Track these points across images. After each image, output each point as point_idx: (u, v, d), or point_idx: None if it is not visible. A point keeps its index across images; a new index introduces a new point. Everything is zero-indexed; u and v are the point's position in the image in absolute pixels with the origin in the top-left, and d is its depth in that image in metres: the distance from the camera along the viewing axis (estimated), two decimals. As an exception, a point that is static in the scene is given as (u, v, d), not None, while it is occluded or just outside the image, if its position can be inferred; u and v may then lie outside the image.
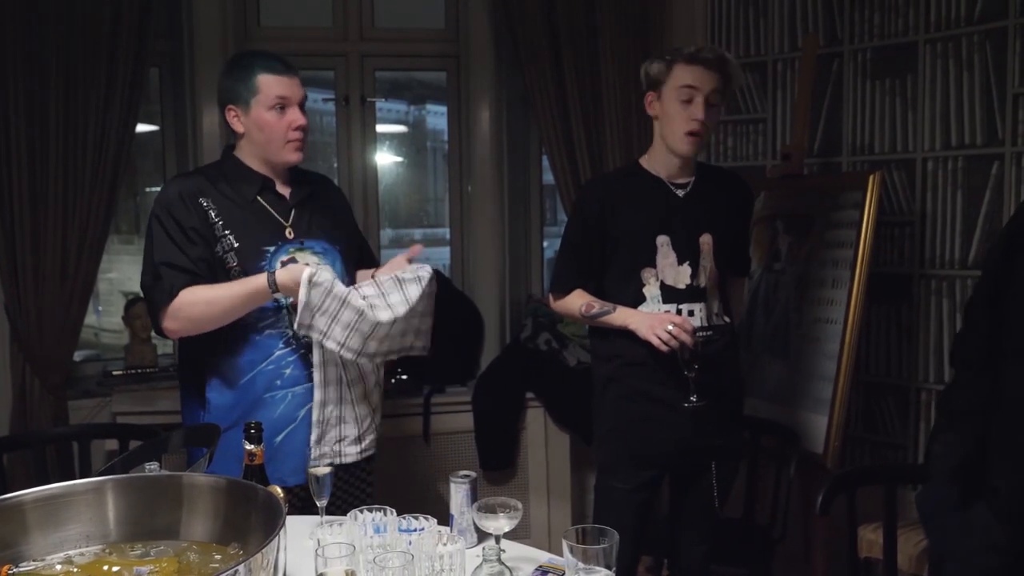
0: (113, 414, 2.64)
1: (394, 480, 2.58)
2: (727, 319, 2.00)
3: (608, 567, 1.20)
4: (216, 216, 1.76)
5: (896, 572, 1.89)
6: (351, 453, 1.83)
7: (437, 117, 4.26)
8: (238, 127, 1.82)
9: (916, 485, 2.16)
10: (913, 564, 2.17)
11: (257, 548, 1.00)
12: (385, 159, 3.41)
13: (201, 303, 1.72)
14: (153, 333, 2.51)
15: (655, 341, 1.82)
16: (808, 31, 2.73)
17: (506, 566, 1.26)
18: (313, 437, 1.76)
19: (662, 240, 1.92)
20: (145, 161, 3.22)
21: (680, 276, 1.92)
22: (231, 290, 1.72)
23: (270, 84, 1.77)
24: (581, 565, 1.18)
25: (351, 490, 1.90)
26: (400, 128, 3.89)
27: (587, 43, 2.80)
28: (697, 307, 1.92)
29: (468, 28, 3.02)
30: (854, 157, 2.68)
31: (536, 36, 2.77)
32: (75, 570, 1.12)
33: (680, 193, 1.95)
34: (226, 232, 1.76)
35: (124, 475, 1.21)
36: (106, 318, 3.31)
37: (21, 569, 1.11)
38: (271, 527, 1.06)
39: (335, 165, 3.12)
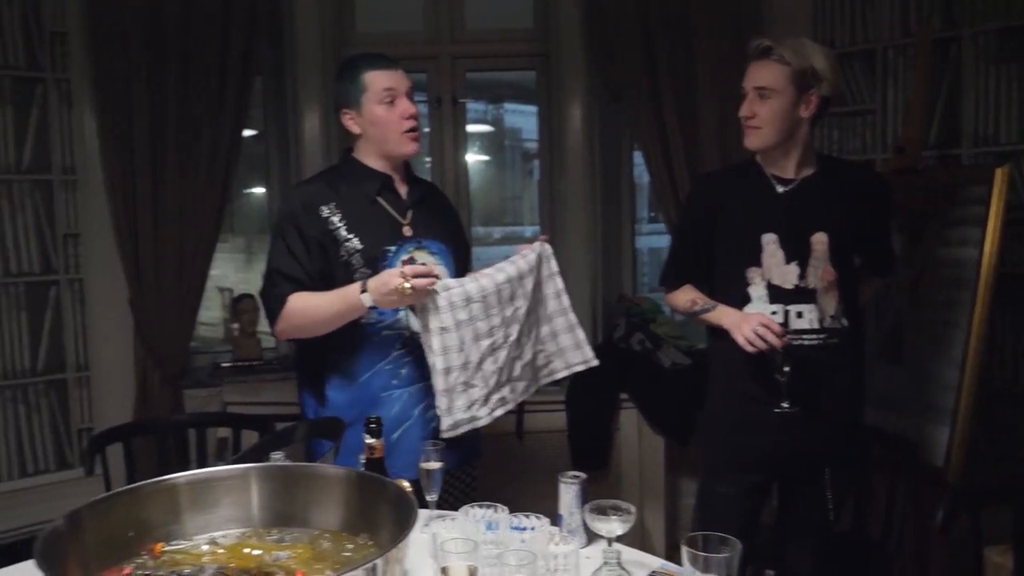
0: (224, 404, 2.78)
1: (487, 477, 2.60)
2: (846, 322, 1.91)
3: (730, 576, 1.17)
4: (339, 221, 1.80)
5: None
6: (481, 416, 1.80)
7: (515, 116, 4.27)
8: (354, 128, 1.86)
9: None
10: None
11: (393, 541, 1.04)
12: (468, 159, 3.46)
13: (302, 310, 1.77)
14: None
15: (740, 341, 1.78)
16: (922, 15, 2.60)
17: (626, 570, 1.26)
18: (443, 406, 1.74)
19: (768, 238, 1.87)
20: (242, 165, 3.36)
21: (788, 276, 1.87)
22: (327, 300, 1.76)
23: (376, 79, 1.81)
24: (701, 574, 1.16)
25: (458, 485, 1.94)
26: (486, 128, 3.92)
27: (680, 37, 2.74)
28: (807, 309, 1.86)
29: (558, 26, 3.01)
30: (976, 149, 2.53)
31: (628, 31, 2.74)
32: (220, 551, 1.19)
33: (781, 189, 1.89)
34: (349, 236, 1.80)
35: (266, 463, 1.27)
36: (204, 312, 3.48)
37: (172, 547, 1.19)
38: (402, 520, 1.09)
39: (428, 165, 3.18)
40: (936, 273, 2.35)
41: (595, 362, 1.95)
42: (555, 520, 1.49)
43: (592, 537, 1.51)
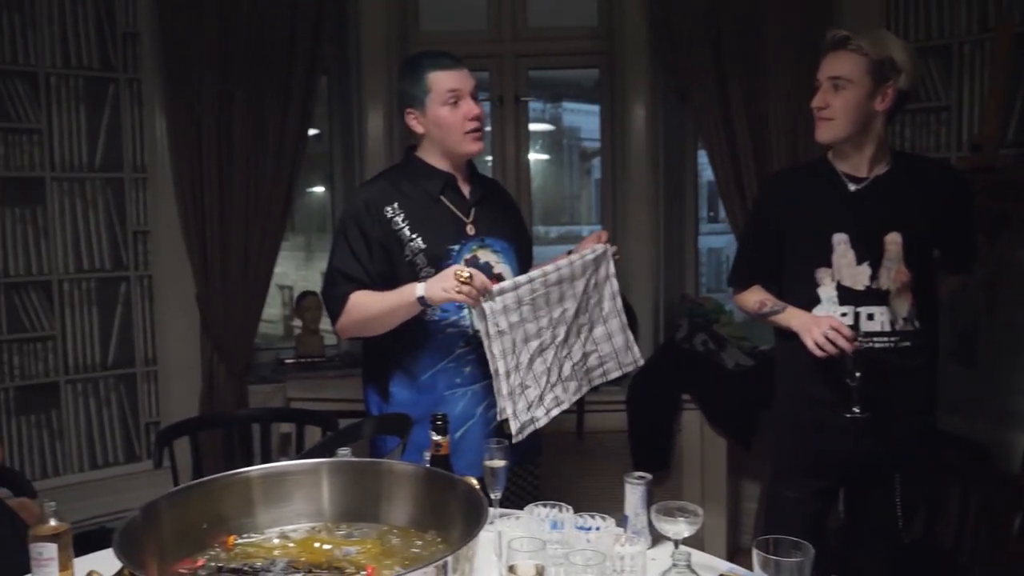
0: (287, 399, 2.83)
1: (548, 476, 2.59)
2: (919, 324, 1.83)
3: (801, 582, 1.15)
4: (402, 221, 1.80)
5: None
6: (539, 416, 1.80)
7: (573, 115, 4.25)
8: (418, 128, 1.86)
9: None
10: None
11: (463, 539, 1.03)
12: (529, 157, 3.45)
13: (362, 308, 1.78)
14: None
15: (810, 344, 1.74)
16: (1001, 9, 2.49)
17: (695, 572, 1.23)
18: (509, 410, 1.74)
19: (839, 239, 1.81)
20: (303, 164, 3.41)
21: (859, 277, 1.80)
22: (386, 299, 1.76)
23: (440, 80, 1.81)
24: (771, 579, 1.13)
25: (520, 483, 1.93)
26: (547, 127, 3.91)
27: (748, 34, 2.68)
28: (878, 311, 1.79)
29: (622, 24, 2.98)
30: (1057, 147, 2.43)
31: (695, 29, 2.69)
32: (291, 545, 1.20)
33: (853, 188, 1.83)
34: (413, 236, 1.80)
35: (336, 459, 1.27)
36: (264, 310, 3.55)
37: (244, 540, 1.20)
38: (472, 517, 1.09)
39: (490, 163, 3.18)
40: (1013, 274, 2.26)
41: (642, 361, 1.96)
42: (619, 520, 1.47)
43: (656, 538, 1.49)
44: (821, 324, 1.74)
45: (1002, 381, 2.24)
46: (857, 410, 1.72)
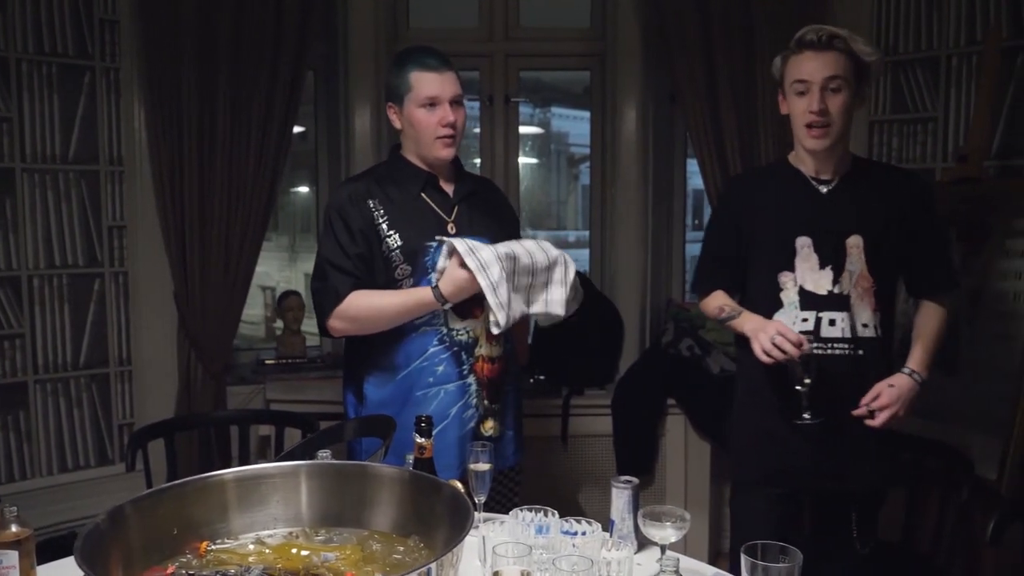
0: (267, 401, 2.77)
1: (530, 480, 2.56)
2: (879, 332, 1.79)
3: (789, 589, 1.13)
4: (382, 217, 1.81)
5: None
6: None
7: (562, 120, 4.24)
8: (396, 123, 1.87)
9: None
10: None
11: (447, 545, 1.00)
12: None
13: (368, 308, 1.77)
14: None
15: (756, 350, 1.70)
16: (988, 22, 2.51)
17: (684, 579, 1.20)
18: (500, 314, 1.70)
19: (803, 242, 1.77)
20: (287, 163, 3.35)
21: (821, 282, 1.76)
22: (398, 299, 1.77)
23: (421, 82, 1.80)
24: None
25: (499, 489, 1.90)
26: (536, 130, 3.88)
27: (741, 39, 2.67)
28: (839, 316, 1.75)
29: (615, 25, 2.96)
30: (1041, 160, 2.44)
31: (688, 32, 2.68)
32: (267, 551, 1.15)
33: (823, 190, 1.80)
34: (391, 232, 1.80)
35: (316, 462, 1.23)
36: (246, 310, 3.50)
37: (217, 546, 1.16)
38: (457, 522, 1.05)
39: (478, 164, 3.15)
40: (996, 285, 2.28)
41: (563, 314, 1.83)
42: (605, 525, 1.45)
43: (643, 543, 1.48)
44: (768, 329, 1.70)
45: (982, 388, 2.25)
46: (807, 416, 1.69)
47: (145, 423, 2.46)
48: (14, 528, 1.21)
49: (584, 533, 1.36)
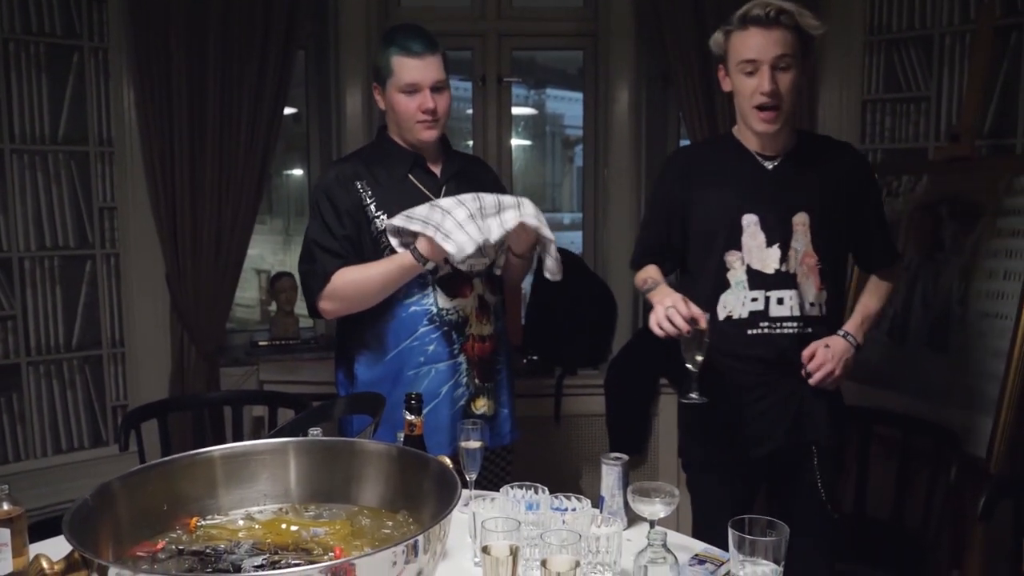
0: (260, 382, 2.77)
1: (524, 459, 2.58)
2: (825, 311, 1.76)
3: (777, 562, 1.14)
4: (370, 198, 1.81)
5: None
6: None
7: (556, 102, 4.22)
8: (380, 104, 1.87)
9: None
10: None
11: (434, 519, 1.00)
12: (511, 142, 3.40)
13: (353, 283, 1.77)
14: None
15: (652, 324, 1.63)
16: (981, 1, 2.50)
17: (671, 553, 1.21)
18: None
19: (749, 220, 1.72)
20: (280, 145, 3.33)
21: (768, 260, 1.72)
22: (380, 268, 1.77)
23: (403, 67, 1.78)
24: (744, 557, 1.14)
25: (492, 468, 1.92)
26: (529, 111, 3.86)
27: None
28: (787, 295, 1.71)
29: (608, 5, 2.95)
30: (1033, 138, 2.44)
31: (681, 12, 2.66)
32: (256, 527, 1.16)
33: (769, 166, 1.74)
34: (379, 213, 1.80)
35: (305, 438, 1.24)
36: (240, 293, 3.49)
37: (207, 522, 1.16)
38: (444, 496, 1.06)
39: (470, 145, 3.13)
40: (987, 263, 2.29)
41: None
42: (595, 502, 1.46)
43: (632, 519, 1.49)
44: (666, 302, 1.62)
45: (972, 367, 2.26)
46: (695, 395, 1.62)
47: (138, 404, 2.46)
48: (6, 506, 1.22)
49: (574, 509, 1.38)
